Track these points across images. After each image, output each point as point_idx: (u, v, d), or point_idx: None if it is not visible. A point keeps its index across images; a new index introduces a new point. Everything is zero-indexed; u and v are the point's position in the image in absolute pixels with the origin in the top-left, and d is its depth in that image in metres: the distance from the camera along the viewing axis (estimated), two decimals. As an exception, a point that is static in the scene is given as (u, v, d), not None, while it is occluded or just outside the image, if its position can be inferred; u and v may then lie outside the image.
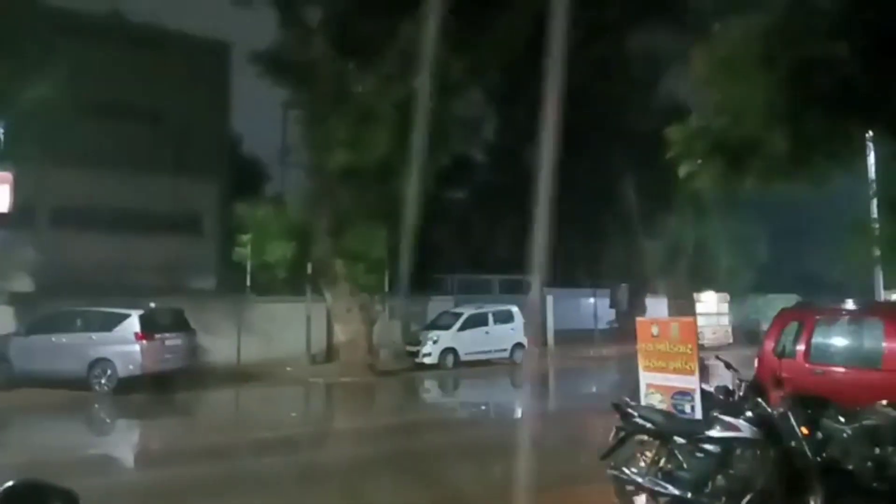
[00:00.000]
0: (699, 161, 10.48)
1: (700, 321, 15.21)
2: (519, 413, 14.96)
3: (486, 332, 21.25)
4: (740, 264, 26.28)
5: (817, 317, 8.53)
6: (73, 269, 18.78)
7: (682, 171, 10.94)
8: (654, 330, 7.32)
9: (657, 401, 7.11)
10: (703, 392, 6.95)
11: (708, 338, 23.31)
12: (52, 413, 12.93)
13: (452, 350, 20.37)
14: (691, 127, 10.59)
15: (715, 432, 5.83)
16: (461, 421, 12.65)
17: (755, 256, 23.53)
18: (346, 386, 17.28)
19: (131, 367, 15.05)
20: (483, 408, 14.42)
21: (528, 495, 7.13)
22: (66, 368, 14.73)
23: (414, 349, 20.54)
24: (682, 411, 6.90)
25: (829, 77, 8.77)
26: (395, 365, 20.00)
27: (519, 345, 21.83)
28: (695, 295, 26.81)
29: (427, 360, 19.96)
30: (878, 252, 11.85)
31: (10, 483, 1.68)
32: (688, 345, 7.03)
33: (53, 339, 15.20)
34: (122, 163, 20.79)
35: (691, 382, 6.94)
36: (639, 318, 7.93)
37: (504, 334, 21.61)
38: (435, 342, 20.27)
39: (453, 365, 20.14)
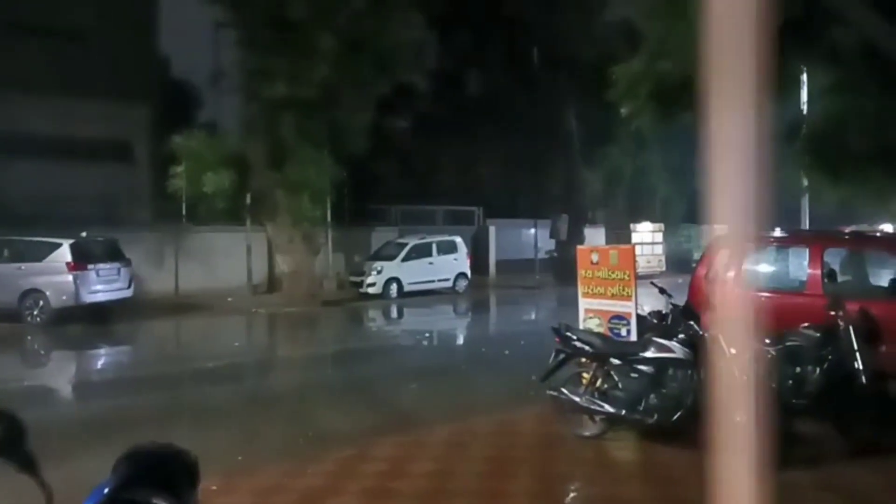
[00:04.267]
0: (640, 102, 10.64)
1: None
2: (461, 339, 15.33)
3: (430, 263, 21.43)
4: (675, 195, 27.09)
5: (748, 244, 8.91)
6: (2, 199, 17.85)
7: (624, 110, 11.12)
8: (594, 257, 7.54)
9: (595, 325, 7.40)
10: (637, 316, 7.27)
11: (642, 266, 24.13)
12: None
13: (396, 280, 20.50)
14: (635, 69, 10.69)
15: (649, 353, 6.11)
16: (405, 347, 12.88)
17: (689, 187, 24.21)
18: (290, 316, 17.27)
19: (64, 297, 14.62)
20: (427, 335, 14.68)
21: (470, 417, 7.40)
22: (-5, 300, 14.24)
23: (358, 279, 20.58)
24: (619, 334, 7.21)
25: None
26: (339, 295, 20.04)
27: (462, 275, 22.15)
28: (631, 225, 27.57)
29: (371, 290, 20.05)
30: (805, 183, 12.37)
31: None
32: (626, 271, 7.28)
33: (-21, 270, 14.57)
34: (46, 86, 19.51)
35: (628, 307, 7.24)
36: (579, 247, 8.14)
37: (447, 264, 21.85)
38: (379, 272, 20.34)
39: (397, 295, 20.32)
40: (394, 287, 20.42)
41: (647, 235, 27.62)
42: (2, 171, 18.85)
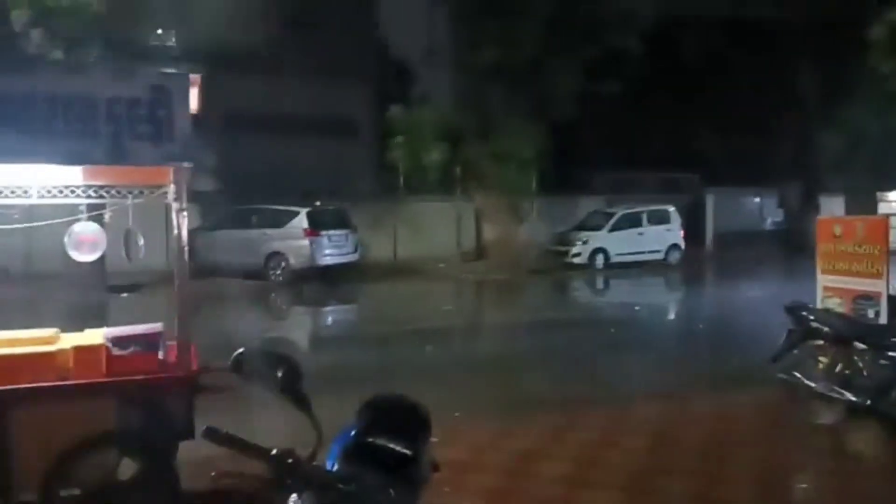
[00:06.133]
0: None
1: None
2: (673, 314, 14.64)
3: (640, 233, 20.64)
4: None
5: None
6: (245, 171, 20.26)
7: (889, 68, 9.76)
8: (837, 229, 6.76)
9: (836, 304, 6.65)
10: (889, 297, 6.39)
11: (892, 240, 21.11)
12: (236, 301, 14.34)
13: (603, 250, 20.05)
14: None
15: (905, 339, 5.39)
16: (613, 320, 12.59)
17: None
18: (497, 283, 17.71)
19: (302, 260, 16.37)
20: (636, 308, 14.23)
21: (686, 395, 7.07)
22: (245, 261, 16.24)
23: (562, 249, 20.44)
24: (865, 316, 6.41)
25: None
26: (544, 264, 20.09)
27: (675, 246, 21.04)
28: (878, 193, 24.14)
29: (576, 261, 19.84)
30: None
31: (240, 350, 1.90)
32: (876, 245, 6.45)
33: (233, 234, 16.75)
34: (280, 69, 21.65)
35: (877, 286, 6.40)
36: (819, 217, 7.34)
37: (659, 235, 20.89)
38: (585, 242, 20.03)
39: (604, 265, 19.89)
40: (600, 258, 20.00)
41: (897, 205, 24.05)
42: (248, 146, 21.34)
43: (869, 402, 5.43)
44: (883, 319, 6.19)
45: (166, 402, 3.97)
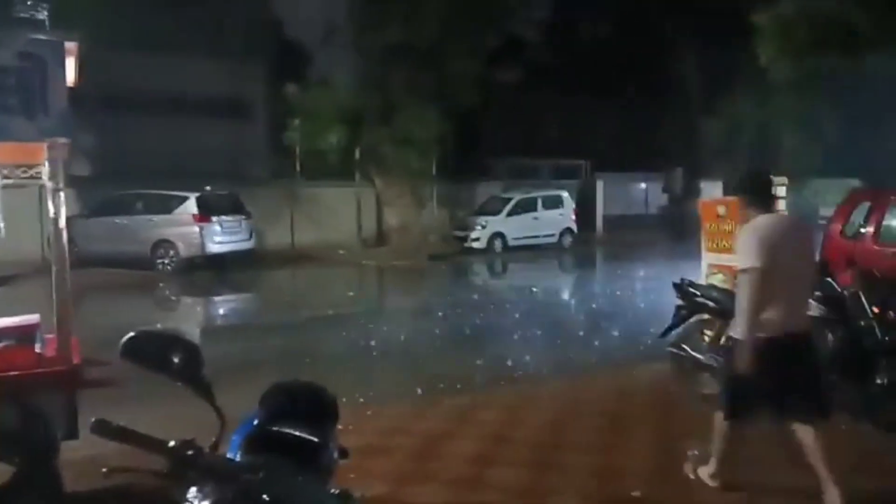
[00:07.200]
0: (788, 48, 9.85)
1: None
2: (569, 295, 15.14)
3: (535, 218, 21.19)
4: (804, 146, 25.12)
5: (892, 197, 8.22)
6: (128, 153, 19.05)
7: (767, 58, 10.37)
8: (721, 210, 7.17)
9: (720, 280, 7.06)
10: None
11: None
12: (121, 292, 13.52)
13: (501, 235, 20.44)
14: (786, 14, 9.88)
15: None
16: (512, 302, 12.86)
17: (821, 138, 22.38)
18: (399, 269, 17.65)
19: (192, 248, 15.59)
20: (533, 290, 14.60)
21: (584, 371, 7.32)
22: (130, 249, 15.32)
23: (462, 234, 20.67)
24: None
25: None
26: (444, 249, 20.23)
27: (568, 230, 21.78)
28: (752, 179, 25.93)
29: (476, 245, 20.11)
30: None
31: (132, 333, 1.73)
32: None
33: (116, 221, 15.74)
34: (167, 46, 20.50)
35: (757, 263, 6.84)
36: (702, 199, 7.77)
37: (553, 219, 21.53)
38: (483, 227, 20.34)
39: (502, 250, 20.28)
40: (498, 242, 20.38)
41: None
42: (131, 127, 20.09)
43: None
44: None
45: (46, 399, 3.65)
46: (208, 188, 16.20)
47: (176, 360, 1.71)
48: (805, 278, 4.09)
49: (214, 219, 15.87)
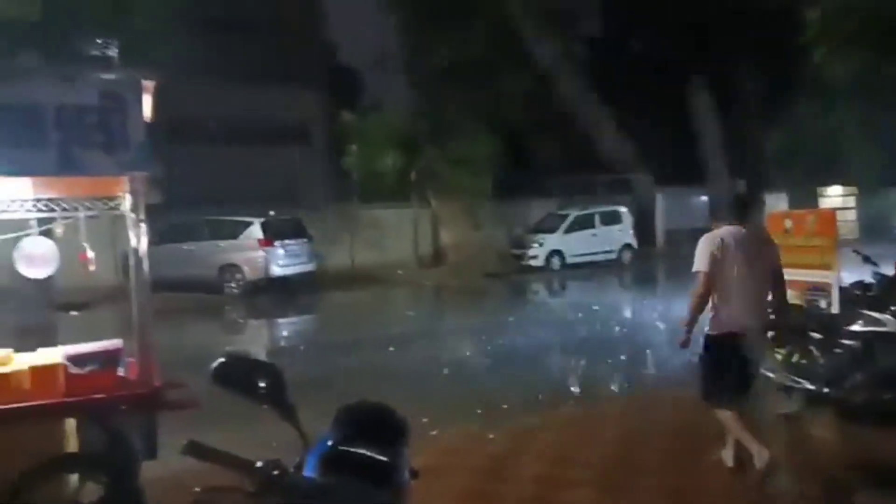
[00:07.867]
0: (841, 43, 9.50)
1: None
2: (631, 312, 14.87)
3: (594, 234, 20.96)
4: (873, 155, 24.15)
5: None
6: (193, 181, 19.73)
7: (819, 55, 10.00)
8: (788, 224, 6.95)
9: (789, 297, 6.82)
10: (839, 288, 6.60)
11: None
12: (190, 315, 13.94)
13: (558, 252, 20.29)
14: (833, 5, 9.56)
15: (857, 327, 5.58)
16: (573, 319, 12.72)
17: (891, 146, 21.49)
18: (456, 287, 17.72)
19: (257, 271, 16.06)
20: (594, 308, 14.41)
21: (651, 390, 7.18)
22: (197, 274, 15.85)
23: (519, 252, 20.59)
24: (817, 306, 6.60)
25: None
26: (501, 268, 20.20)
27: (627, 246, 21.44)
28: (818, 189, 25.12)
29: (533, 263, 20.01)
30: None
31: (221, 359, 1.82)
32: (826, 238, 6.64)
33: (184, 246, 16.33)
34: (228, 76, 21.26)
35: (828, 277, 6.60)
36: (770, 212, 7.55)
37: (612, 235, 21.26)
38: (541, 245, 20.23)
39: (560, 267, 20.10)
40: (556, 260, 20.22)
41: (836, 200, 25.09)
42: (196, 155, 20.82)
43: (826, 389, 5.58)
44: (835, 309, 6.38)
45: (128, 421, 3.81)
46: (272, 213, 16.69)
47: (262, 384, 1.79)
48: (757, 284, 4.57)
49: (278, 243, 16.32)
